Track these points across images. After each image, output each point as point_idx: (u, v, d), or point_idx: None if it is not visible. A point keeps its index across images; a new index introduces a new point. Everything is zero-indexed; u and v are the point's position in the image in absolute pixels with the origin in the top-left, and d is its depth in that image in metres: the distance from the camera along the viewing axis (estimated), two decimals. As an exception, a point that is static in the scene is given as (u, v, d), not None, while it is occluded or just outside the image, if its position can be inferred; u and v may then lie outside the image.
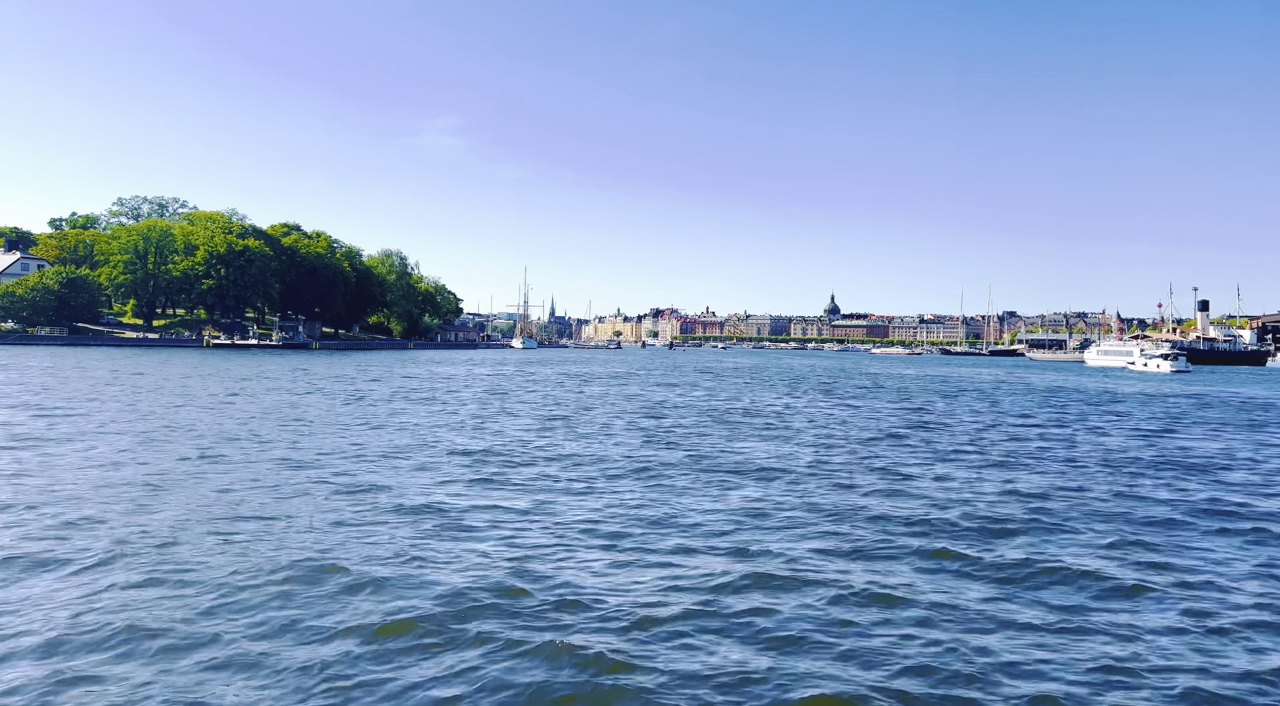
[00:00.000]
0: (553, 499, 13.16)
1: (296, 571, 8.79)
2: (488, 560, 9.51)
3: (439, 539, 10.40)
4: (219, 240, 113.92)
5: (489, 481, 14.62)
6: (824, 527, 11.53)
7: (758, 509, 12.69)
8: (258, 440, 18.96)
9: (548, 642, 7.08)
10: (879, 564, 9.81)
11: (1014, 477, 16.33)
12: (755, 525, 11.63)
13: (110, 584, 8.34)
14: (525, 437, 21.19)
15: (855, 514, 12.45)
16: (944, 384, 57.43)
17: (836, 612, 8.08)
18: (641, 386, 47.40)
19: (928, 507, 13.03)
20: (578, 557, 9.73)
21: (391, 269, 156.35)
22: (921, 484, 15.34)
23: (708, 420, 26.85)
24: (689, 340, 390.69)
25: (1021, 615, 8.16)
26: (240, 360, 67.84)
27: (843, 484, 15.13)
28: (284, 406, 27.62)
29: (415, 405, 29.83)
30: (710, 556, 9.94)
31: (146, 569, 8.80)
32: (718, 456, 18.43)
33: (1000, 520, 12.26)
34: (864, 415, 30.19)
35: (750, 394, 41.86)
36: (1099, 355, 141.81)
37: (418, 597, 8.11)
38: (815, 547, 10.40)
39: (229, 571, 8.75)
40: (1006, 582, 9.19)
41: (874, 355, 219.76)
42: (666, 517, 11.94)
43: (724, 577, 9.00)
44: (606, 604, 8.10)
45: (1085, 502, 13.82)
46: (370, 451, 17.77)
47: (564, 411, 29.22)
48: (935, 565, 9.84)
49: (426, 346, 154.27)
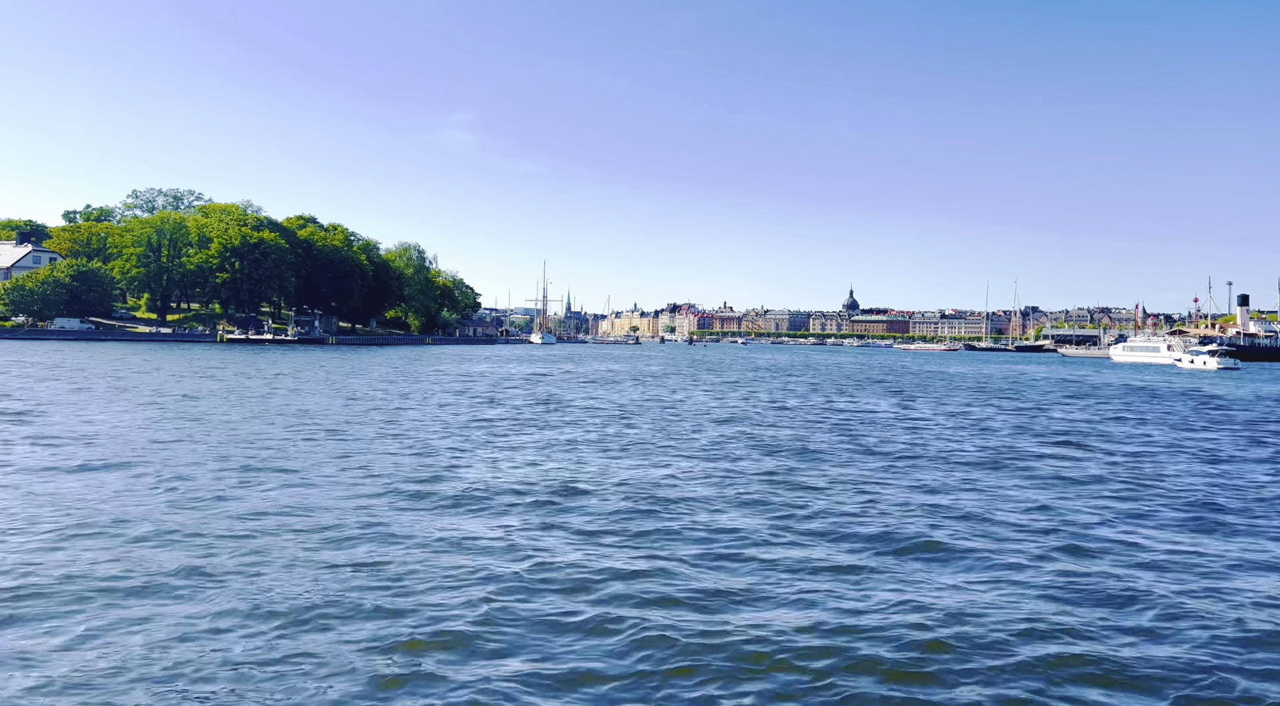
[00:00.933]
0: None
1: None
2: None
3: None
4: (233, 232, 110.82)
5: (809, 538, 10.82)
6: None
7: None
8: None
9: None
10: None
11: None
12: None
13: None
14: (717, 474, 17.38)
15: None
16: (1016, 384, 53.22)
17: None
18: (705, 389, 43.63)
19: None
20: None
21: (409, 262, 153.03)
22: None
23: (846, 438, 21.93)
24: (706, 336, 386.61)
25: None
26: (254, 357, 64.53)
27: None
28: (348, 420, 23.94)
29: (520, 427, 22.73)
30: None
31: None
32: (970, 502, 14.54)
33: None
34: (1001, 427, 26.03)
35: (830, 395, 37.98)
36: (1125, 351, 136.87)
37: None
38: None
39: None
40: None
41: (909, 352, 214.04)
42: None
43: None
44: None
45: None
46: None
47: (685, 429, 25.25)
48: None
49: (445, 341, 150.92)
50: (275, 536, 9.82)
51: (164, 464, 14.57)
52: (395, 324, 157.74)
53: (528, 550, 9.52)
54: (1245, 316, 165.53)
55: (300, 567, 8.62)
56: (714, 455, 17.67)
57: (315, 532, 10.02)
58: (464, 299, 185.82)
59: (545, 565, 8.91)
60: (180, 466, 14.28)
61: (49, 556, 8.81)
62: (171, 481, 12.97)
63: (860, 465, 16.65)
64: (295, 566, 8.65)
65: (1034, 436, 22.81)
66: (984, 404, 34.94)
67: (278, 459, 15.52)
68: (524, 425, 22.61)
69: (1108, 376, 67.82)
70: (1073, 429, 24.97)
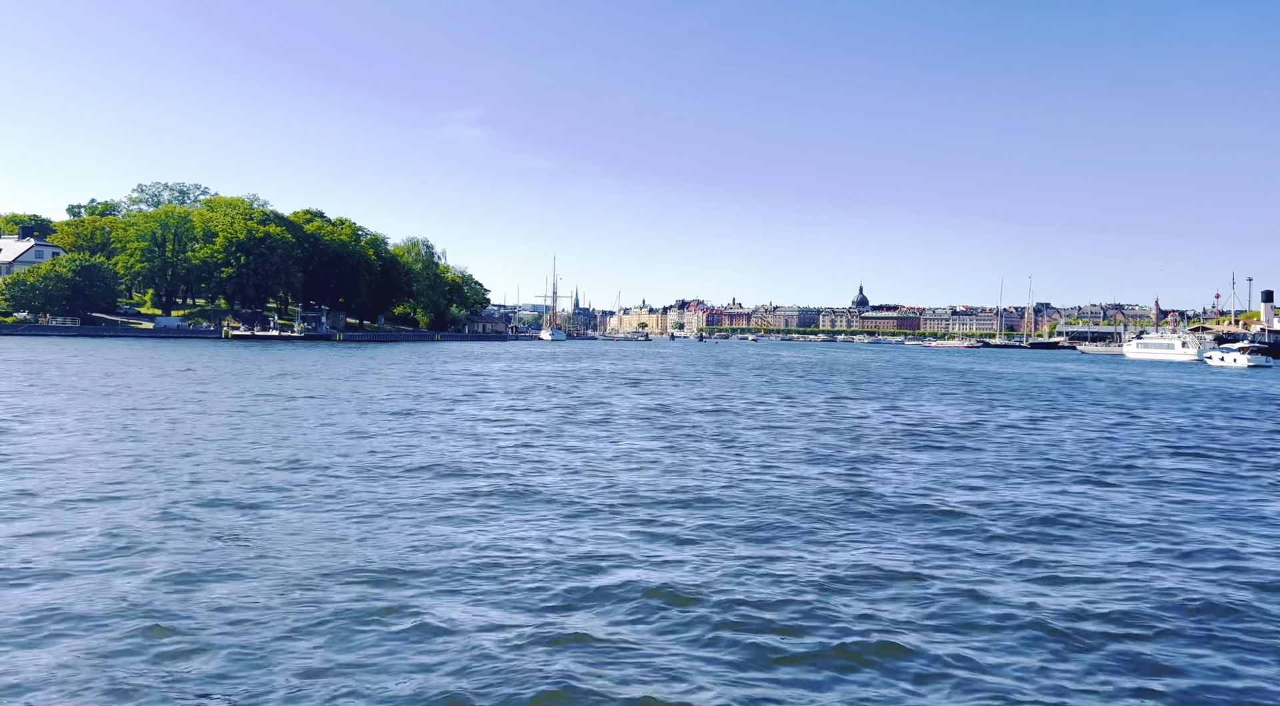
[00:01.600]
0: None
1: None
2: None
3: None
4: (239, 227, 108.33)
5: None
6: None
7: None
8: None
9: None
10: None
11: None
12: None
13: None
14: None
15: None
16: (1075, 386, 50.00)
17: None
18: (762, 393, 40.99)
19: None
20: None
21: (418, 258, 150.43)
22: None
23: (1026, 455, 19.30)
24: (715, 332, 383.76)
25: None
26: (257, 355, 62.02)
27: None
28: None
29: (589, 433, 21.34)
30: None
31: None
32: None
33: None
34: (1124, 436, 23.28)
35: (904, 400, 35.24)
36: (1140, 348, 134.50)
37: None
38: None
39: None
40: None
41: (930, 349, 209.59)
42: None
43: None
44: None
45: None
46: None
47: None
48: None
49: (454, 338, 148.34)
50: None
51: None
52: (403, 320, 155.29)
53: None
54: (1270, 313, 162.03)
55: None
56: (915, 483, 14.96)
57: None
58: (473, 295, 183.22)
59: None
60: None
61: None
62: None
63: (1126, 493, 14.07)
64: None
65: (1175, 445, 20.50)
66: (1079, 411, 32.05)
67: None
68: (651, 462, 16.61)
69: (1152, 375, 64.87)
70: (1212, 437, 22.45)
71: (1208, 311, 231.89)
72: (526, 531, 10.33)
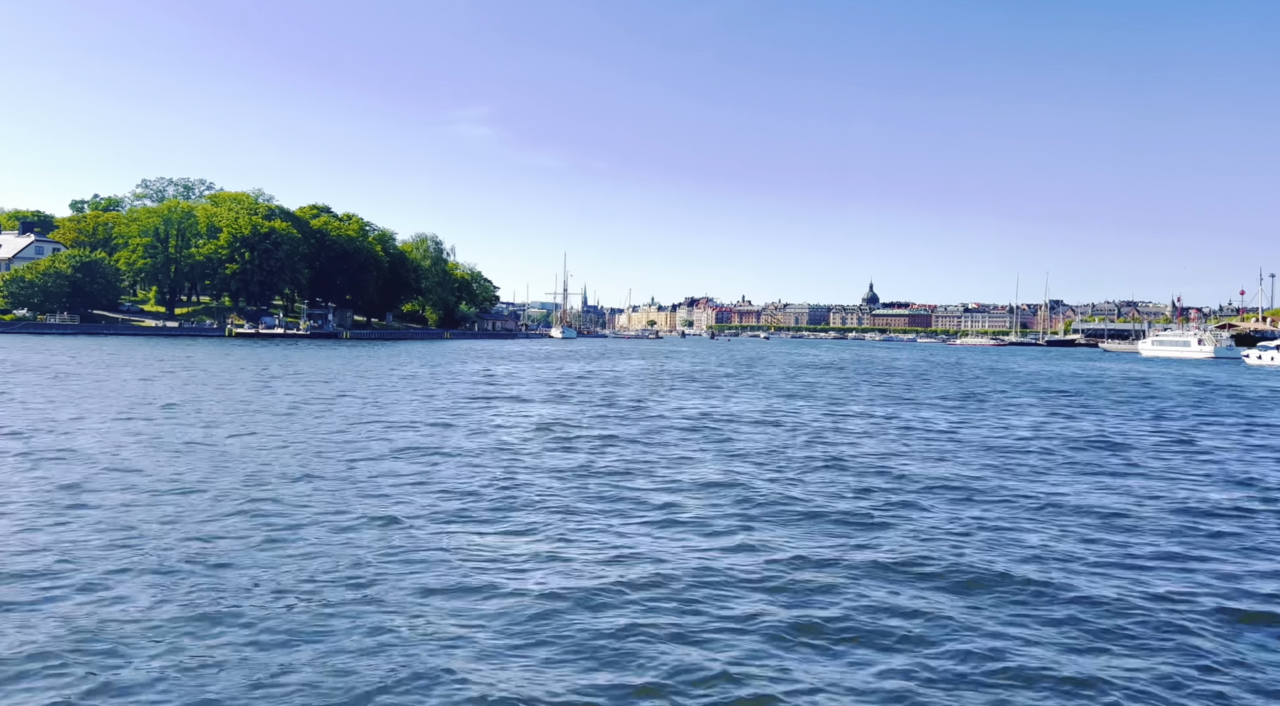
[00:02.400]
0: None
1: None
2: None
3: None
4: (243, 222, 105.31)
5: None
6: None
7: None
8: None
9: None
10: None
11: None
12: None
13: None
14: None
15: None
16: (1144, 387, 46.36)
17: None
18: (819, 396, 37.63)
19: None
20: None
21: (426, 254, 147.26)
22: None
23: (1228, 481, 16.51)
24: (725, 330, 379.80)
25: None
26: (258, 353, 58.88)
27: None
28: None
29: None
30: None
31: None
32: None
33: None
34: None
35: (989, 403, 31.80)
36: (1154, 345, 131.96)
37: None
38: None
39: None
40: None
41: (953, 347, 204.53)
42: None
43: None
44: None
45: None
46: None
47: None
48: None
49: (464, 336, 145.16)
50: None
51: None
52: (412, 318, 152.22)
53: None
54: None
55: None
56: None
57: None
58: (482, 292, 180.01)
59: None
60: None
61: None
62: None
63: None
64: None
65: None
66: (1183, 416, 28.51)
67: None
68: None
69: (1210, 373, 61.21)
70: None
71: (1224, 308, 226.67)
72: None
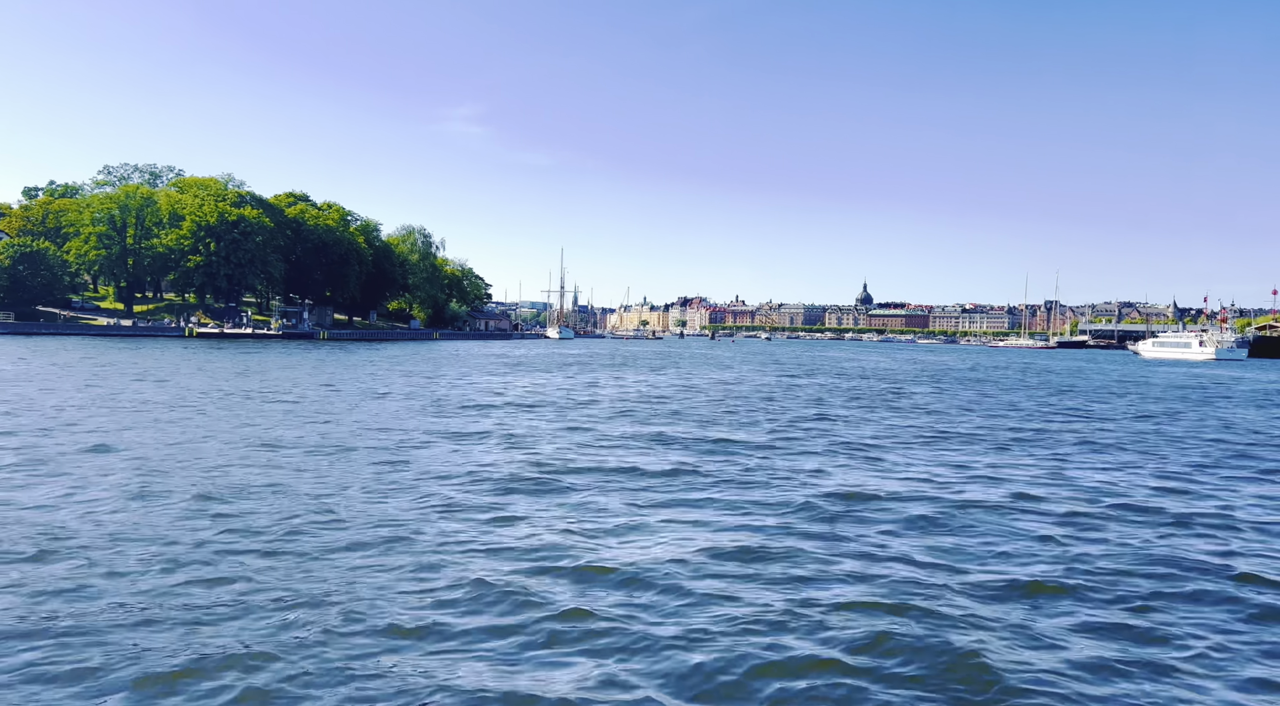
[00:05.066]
0: None
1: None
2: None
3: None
4: (209, 209, 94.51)
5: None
6: None
7: None
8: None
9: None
10: None
11: None
12: None
13: None
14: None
15: None
16: (1214, 393, 36.86)
17: None
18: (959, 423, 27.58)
19: None
20: None
21: (414, 248, 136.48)
22: None
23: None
24: (720, 330, 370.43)
25: None
26: (208, 357, 48.34)
27: None
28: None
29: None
30: None
31: None
32: None
33: None
34: None
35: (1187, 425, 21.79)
36: (1154, 347, 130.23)
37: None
38: None
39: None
40: None
41: (998, 348, 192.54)
42: None
43: None
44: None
45: None
46: None
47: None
48: None
49: (454, 336, 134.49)
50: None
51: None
52: (398, 316, 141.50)
53: None
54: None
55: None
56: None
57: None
58: (474, 290, 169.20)
59: None
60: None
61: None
62: None
63: None
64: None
65: None
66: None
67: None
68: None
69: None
70: None
71: (1222, 309, 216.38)
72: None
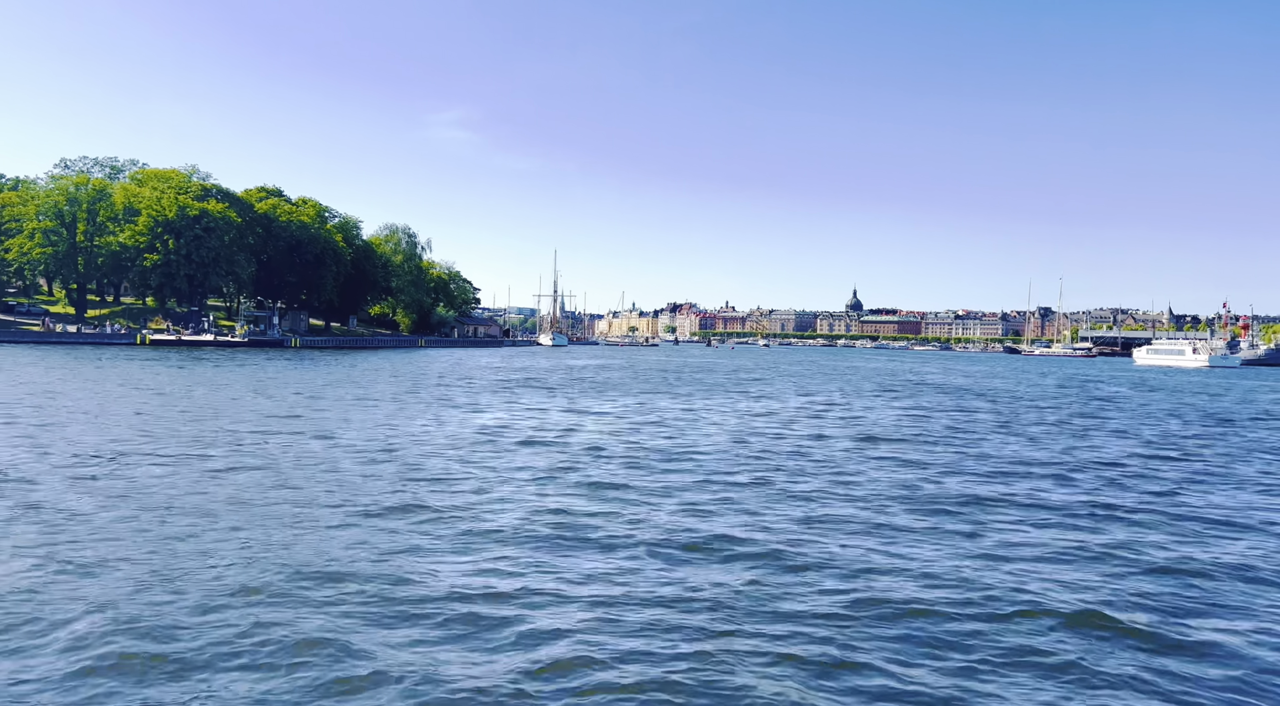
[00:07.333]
0: None
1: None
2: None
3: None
4: (167, 202, 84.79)
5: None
6: None
7: None
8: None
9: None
10: None
11: None
12: None
13: None
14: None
15: None
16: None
17: None
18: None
19: None
20: None
21: (397, 248, 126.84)
22: None
23: None
24: (712, 336, 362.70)
25: None
26: (147, 371, 38.79)
27: None
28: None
29: None
30: None
31: None
32: None
33: None
34: None
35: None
36: (1149, 354, 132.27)
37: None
38: None
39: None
40: None
41: (1034, 357, 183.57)
42: None
43: None
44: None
45: None
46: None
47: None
48: None
49: (442, 343, 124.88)
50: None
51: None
52: (380, 322, 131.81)
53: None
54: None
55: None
56: None
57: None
58: (461, 294, 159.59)
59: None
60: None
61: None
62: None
63: None
64: None
65: None
66: None
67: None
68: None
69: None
70: None
71: (1221, 316, 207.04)
72: None
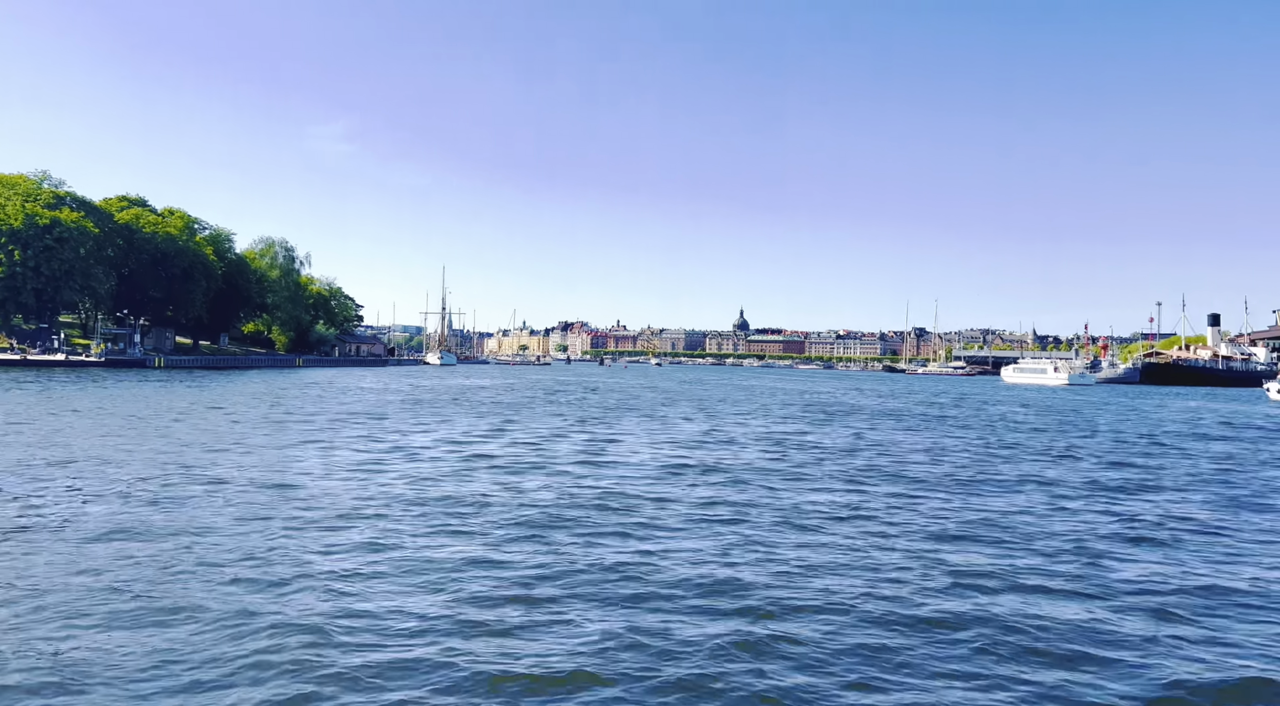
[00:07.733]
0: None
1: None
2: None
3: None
4: (13, 210, 77.76)
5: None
6: None
7: None
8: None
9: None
10: None
11: None
12: None
13: None
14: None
15: None
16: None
17: None
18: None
19: None
20: None
21: (274, 263, 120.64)
22: None
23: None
24: (604, 355, 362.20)
25: None
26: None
27: None
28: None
29: None
30: None
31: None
32: None
33: None
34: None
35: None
36: (1015, 373, 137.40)
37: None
38: None
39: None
40: None
41: (916, 375, 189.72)
42: None
43: None
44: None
45: None
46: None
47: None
48: None
49: (321, 363, 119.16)
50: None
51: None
52: (255, 340, 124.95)
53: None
54: (1217, 337, 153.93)
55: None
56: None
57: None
58: (343, 311, 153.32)
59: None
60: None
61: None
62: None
63: None
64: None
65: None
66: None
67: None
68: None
69: (1222, 407, 46.44)
70: None
71: (1080, 337, 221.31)
72: None
